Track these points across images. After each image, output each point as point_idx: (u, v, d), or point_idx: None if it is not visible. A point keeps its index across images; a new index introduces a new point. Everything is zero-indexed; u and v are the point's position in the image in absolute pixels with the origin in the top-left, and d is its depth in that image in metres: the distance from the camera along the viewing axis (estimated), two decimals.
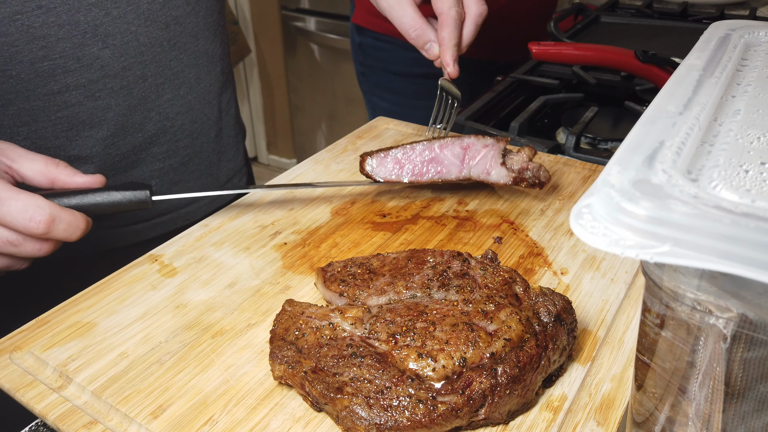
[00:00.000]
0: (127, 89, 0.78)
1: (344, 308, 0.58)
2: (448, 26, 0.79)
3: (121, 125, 0.79)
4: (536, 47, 1.17)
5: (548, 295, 0.57)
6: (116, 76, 0.76)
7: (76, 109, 0.75)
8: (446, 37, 0.79)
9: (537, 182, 0.78)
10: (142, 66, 0.78)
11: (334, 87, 3.07)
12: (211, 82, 0.90)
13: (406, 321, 0.55)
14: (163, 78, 0.81)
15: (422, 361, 0.51)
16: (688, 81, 0.42)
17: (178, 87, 0.84)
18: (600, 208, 0.31)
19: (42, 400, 0.55)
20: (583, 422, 0.52)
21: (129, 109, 0.79)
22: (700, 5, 1.68)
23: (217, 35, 0.90)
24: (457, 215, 0.81)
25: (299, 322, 0.57)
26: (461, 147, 0.78)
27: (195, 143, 0.90)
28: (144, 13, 0.76)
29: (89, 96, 0.75)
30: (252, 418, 0.53)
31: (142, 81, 0.79)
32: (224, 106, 0.94)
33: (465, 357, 0.51)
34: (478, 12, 0.82)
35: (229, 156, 0.97)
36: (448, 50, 0.79)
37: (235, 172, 1.00)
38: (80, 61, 0.73)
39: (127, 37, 0.75)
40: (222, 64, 0.92)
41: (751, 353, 0.34)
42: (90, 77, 0.74)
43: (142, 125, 0.81)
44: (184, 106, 0.86)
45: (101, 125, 0.77)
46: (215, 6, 0.89)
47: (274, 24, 3.11)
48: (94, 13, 0.72)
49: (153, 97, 0.81)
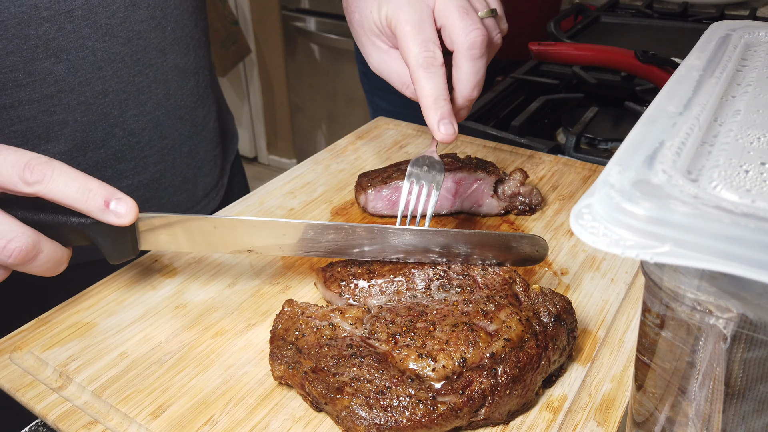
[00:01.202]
0: (85, 104, 0.75)
1: (344, 308, 0.58)
2: (417, 81, 0.61)
3: (81, 140, 0.76)
4: (536, 47, 1.18)
5: (548, 295, 0.57)
6: (72, 92, 0.73)
7: (30, 123, 0.72)
8: (421, 95, 0.61)
9: (528, 209, 0.79)
10: (102, 81, 0.75)
11: (334, 87, 3.07)
12: (182, 97, 0.86)
13: (406, 321, 0.55)
14: (126, 94, 0.78)
15: (422, 361, 0.51)
16: (688, 81, 0.42)
17: (143, 103, 0.80)
18: (600, 209, 0.31)
19: (42, 400, 0.55)
20: (583, 422, 0.52)
21: (88, 124, 0.76)
22: (700, 5, 1.69)
23: (191, 50, 0.86)
24: (457, 216, 0.81)
25: (299, 323, 0.57)
26: (453, 181, 0.77)
27: (165, 159, 0.86)
28: (102, 28, 0.73)
29: (44, 111, 0.72)
30: (252, 418, 0.53)
31: (102, 96, 0.76)
32: (200, 121, 0.91)
33: (465, 357, 0.51)
34: (468, 43, 0.60)
35: (206, 171, 0.95)
36: (428, 110, 0.61)
37: (212, 187, 0.97)
38: (32, 75, 0.70)
39: (83, 53, 0.72)
40: (197, 78, 0.88)
41: (751, 353, 0.34)
42: (43, 92, 0.71)
43: (105, 141, 0.78)
44: (151, 122, 0.82)
45: (58, 140, 0.75)
46: (188, 20, 0.85)
47: (274, 24, 3.11)
48: (46, 27, 0.69)
49: (116, 113, 0.78)
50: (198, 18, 0.88)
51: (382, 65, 0.68)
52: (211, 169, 0.96)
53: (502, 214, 0.79)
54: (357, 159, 0.95)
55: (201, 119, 0.91)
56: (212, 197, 0.97)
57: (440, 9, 0.62)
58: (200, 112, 0.91)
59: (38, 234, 0.54)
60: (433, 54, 0.61)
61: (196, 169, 0.92)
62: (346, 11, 0.72)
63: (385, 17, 0.64)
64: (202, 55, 0.90)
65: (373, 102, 1.60)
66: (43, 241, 0.54)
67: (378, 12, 0.65)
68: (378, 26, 0.66)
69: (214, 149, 0.96)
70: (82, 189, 0.53)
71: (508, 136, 1.00)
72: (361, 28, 0.68)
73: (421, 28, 0.61)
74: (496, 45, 0.66)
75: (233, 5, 3.12)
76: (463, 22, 0.60)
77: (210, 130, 0.94)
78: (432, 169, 0.65)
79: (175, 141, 0.87)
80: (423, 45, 0.61)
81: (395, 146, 0.97)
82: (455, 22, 0.60)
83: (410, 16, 0.61)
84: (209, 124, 0.94)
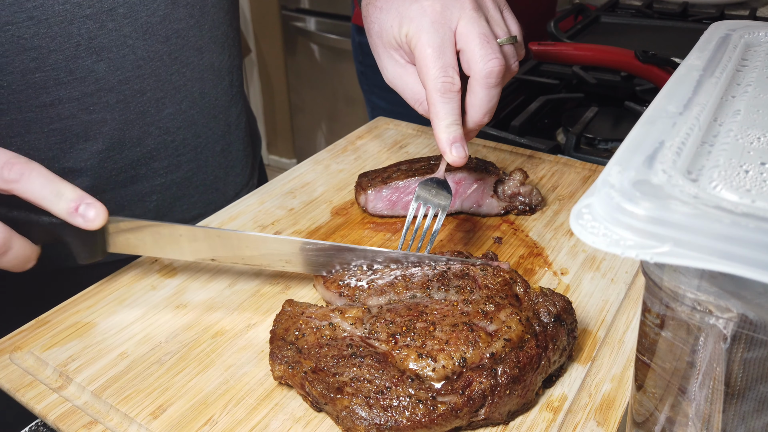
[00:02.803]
0: (124, 103, 0.76)
1: (344, 308, 0.58)
2: (433, 105, 0.61)
3: (118, 139, 0.77)
4: (536, 47, 1.18)
5: (548, 295, 0.57)
6: (112, 90, 0.74)
7: (69, 122, 0.73)
8: (434, 118, 0.62)
9: (528, 209, 0.79)
10: (140, 80, 0.76)
11: (334, 87, 3.07)
12: (217, 96, 0.87)
13: (406, 321, 0.54)
14: (164, 92, 0.79)
15: (422, 361, 0.51)
16: (688, 81, 0.42)
17: (180, 101, 0.81)
18: (600, 208, 0.31)
19: (42, 400, 0.55)
20: (583, 422, 0.52)
21: (126, 123, 0.77)
22: (700, 5, 1.69)
23: (225, 48, 0.87)
24: (456, 215, 0.81)
25: (299, 323, 0.57)
26: (453, 181, 0.78)
27: (199, 158, 0.87)
28: (142, 27, 0.74)
29: (83, 109, 0.73)
30: (252, 418, 0.53)
31: (141, 95, 0.77)
32: (233, 121, 0.92)
33: (465, 357, 0.51)
34: (486, 72, 0.60)
35: (237, 170, 0.96)
36: (440, 133, 0.61)
37: (243, 186, 0.98)
38: (73, 73, 0.71)
39: (124, 51, 0.73)
40: (231, 77, 0.89)
41: (751, 353, 0.34)
42: (84, 90, 0.72)
43: (141, 139, 0.79)
44: (186, 120, 0.83)
45: (96, 138, 0.76)
46: (223, 19, 0.86)
47: (274, 24, 3.11)
48: (89, 26, 0.70)
49: (152, 112, 0.79)
50: (233, 17, 0.90)
51: (397, 79, 0.68)
52: (242, 169, 0.97)
53: (502, 214, 0.79)
54: (357, 159, 0.95)
55: (234, 118, 0.92)
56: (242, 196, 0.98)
57: (462, 33, 0.61)
58: (233, 112, 0.92)
59: (10, 231, 0.55)
60: (452, 80, 0.61)
61: (228, 168, 0.93)
62: (365, 20, 0.70)
63: (406, 35, 0.63)
64: (236, 55, 0.91)
65: (370, 101, 1.60)
66: (14, 238, 0.55)
67: (399, 29, 0.64)
68: (397, 41, 0.65)
69: (245, 149, 0.97)
70: (55, 191, 0.55)
71: (508, 136, 1.00)
72: (380, 39, 0.67)
73: (442, 53, 0.61)
74: (513, 72, 0.65)
75: None
76: (482, 50, 0.60)
77: (242, 129, 0.95)
78: (440, 192, 0.66)
79: (208, 140, 0.88)
80: (443, 70, 0.60)
81: (395, 146, 0.97)
82: (475, 49, 0.60)
83: (432, 39, 0.61)
84: (241, 124, 0.95)
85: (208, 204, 0.91)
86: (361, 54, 1.52)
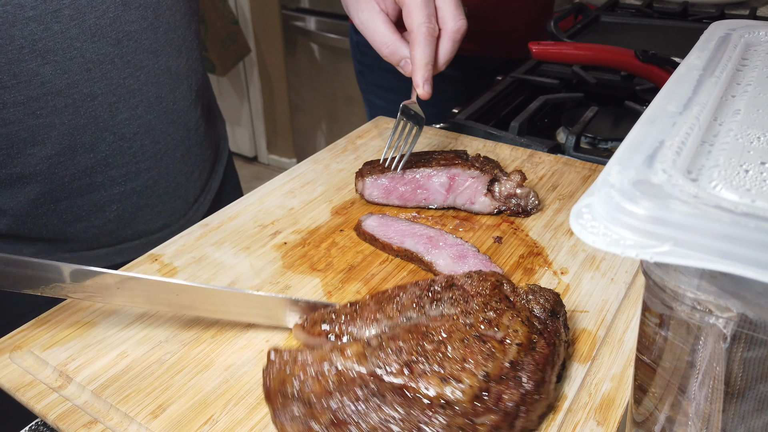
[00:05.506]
0: (73, 107, 0.73)
1: (341, 346, 0.51)
2: (418, 45, 0.73)
3: (68, 144, 0.75)
4: (536, 47, 1.17)
5: (537, 291, 0.56)
6: (59, 94, 0.72)
7: (15, 126, 0.71)
8: (416, 56, 0.73)
9: (521, 211, 0.79)
10: (90, 83, 0.73)
11: (334, 87, 3.07)
12: (174, 100, 0.85)
13: (413, 346, 0.50)
14: (116, 96, 0.77)
15: (447, 385, 0.47)
16: (688, 81, 0.42)
17: (134, 106, 0.79)
18: (600, 208, 0.31)
19: (42, 400, 0.55)
20: (583, 422, 0.52)
21: (76, 127, 0.74)
22: (700, 5, 1.68)
23: (183, 52, 0.85)
24: (456, 215, 0.81)
25: (296, 371, 0.50)
26: (447, 176, 0.79)
27: (159, 165, 0.85)
28: (90, 29, 0.71)
29: (29, 113, 0.71)
30: (252, 418, 0.53)
31: (91, 99, 0.74)
32: (192, 125, 0.90)
33: (487, 371, 0.47)
34: (455, 28, 0.75)
35: (197, 175, 0.94)
36: (418, 70, 0.74)
37: (201, 191, 0.96)
38: (17, 77, 0.69)
39: (71, 53, 0.71)
40: (189, 81, 0.87)
41: (751, 353, 0.34)
42: (29, 94, 0.70)
43: (94, 145, 0.77)
44: (143, 126, 0.81)
45: (44, 143, 0.73)
46: (180, 21, 0.84)
47: (274, 24, 3.11)
48: (32, 28, 0.67)
49: (105, 117, 0.76)
50: (191, 20, 0.88)
51: (369, 23, 0.78)
52: (201, 173, 0.95)
53: (495, 213, 0.79)
54: (357, 158, 0.95)
55: (193, 123, 0.90)
56: (201, 202, 0.97)
57: None
58: (193, 116, 0.90)
59: None
60: (434, 27, 0.74)
61: (188, 174, 0.92)
62: None
63: None
64: (195, 58, 0.89)
65: (369, 100, 1.60)
66: None
67: None
68: None
69: (205, 152, 0.95)
70: None
71: (508, 135, 1.00)
72: None
73: (428, 4, 0.74)
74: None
75: (233, 5, 3.12)
76: (456, 11, 0.75)
77: (202, 133, 0.93)
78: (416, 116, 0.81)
79: (168, 146, 0.86)
80: (428, 18, 0.73)
81: None
82: (450, 9, 0.75)
83: None
84: (201, 128, 0.93)
85: (173, 213, 0.89)
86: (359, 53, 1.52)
